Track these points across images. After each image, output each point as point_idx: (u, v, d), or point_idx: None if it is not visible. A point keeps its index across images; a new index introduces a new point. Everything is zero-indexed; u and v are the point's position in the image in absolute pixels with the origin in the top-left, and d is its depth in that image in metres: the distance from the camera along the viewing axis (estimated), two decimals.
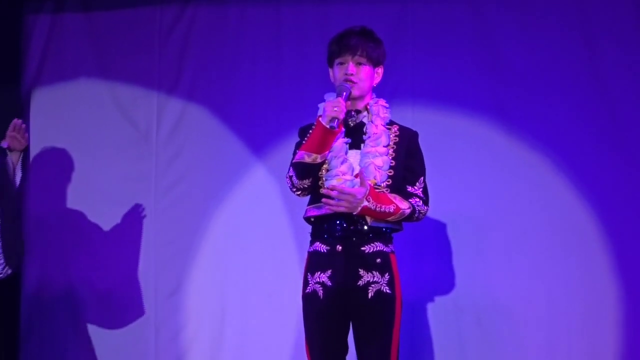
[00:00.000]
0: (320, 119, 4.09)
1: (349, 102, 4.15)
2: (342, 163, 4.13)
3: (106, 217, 5.81)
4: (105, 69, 5.90)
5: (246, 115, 5.82)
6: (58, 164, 5.82)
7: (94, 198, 5.82)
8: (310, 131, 4.13)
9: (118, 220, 5.80)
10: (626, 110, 5.47)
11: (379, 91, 5.40)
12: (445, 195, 5.55)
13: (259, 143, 5.78)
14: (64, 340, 5.76)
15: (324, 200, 4.07)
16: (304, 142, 4.14)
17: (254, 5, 5.83)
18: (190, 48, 5.88)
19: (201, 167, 5.82)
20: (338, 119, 4.04)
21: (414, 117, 5.58)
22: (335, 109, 4.03)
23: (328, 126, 4.04)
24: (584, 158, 5.49)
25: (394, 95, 5.64)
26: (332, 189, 4.04)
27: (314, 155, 4.09)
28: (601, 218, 5.46)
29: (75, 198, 5.83)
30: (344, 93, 4.11)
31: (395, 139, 4.22)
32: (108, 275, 5.79)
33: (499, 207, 5.55)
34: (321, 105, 4.19)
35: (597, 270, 5.44)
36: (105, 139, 5.86)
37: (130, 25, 5.92)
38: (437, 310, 5.57)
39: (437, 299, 5.56)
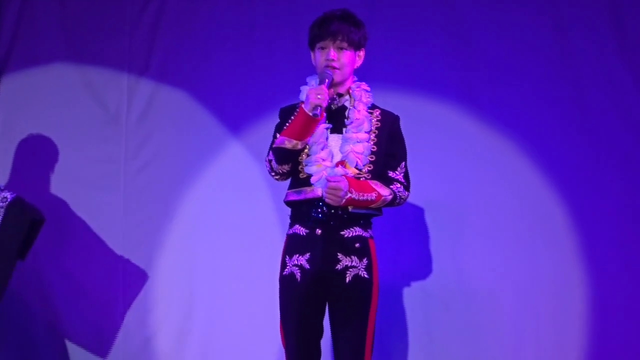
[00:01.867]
0: (303, 105, 4.08)
1: (331, 90, 4.16)
2: (322, 149, 4.14)
3: (75, 200, 5.77)
4: (76, 52, 5.85)
5: (217, 99, 5.79)
6: (27, 147, 5.77)
7: (63, 180, 5.77)
8: (292, 117, 4.13)
9: (86, 203, 5.76)
10: (595, 96, 5.52)
11: None
12: (413, 180, 5.55)
13: (229, 126, 5.77)
14: (31, 321, 5.72)
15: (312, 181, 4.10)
16: (285, 127, 4.14)
17: None
18: (161, 30, 5.84)
19: (171, 151, 5.80)
20: (321, 107, 4.05)
21: (383, 102, 5.58)
22: (319, 96, 4.04)
23: (311, 114, 4.04)
24: (552, 144, 5.53)
25: (363, 80, 5.62)
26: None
27: (295, 142, 4.09)
28: (569, 205, 5.50)
29: (44, 180, 5.78)
30: (327, 80, 4.11)
31: (377, 124, 4.23)
32: (76, 257, 5.75)
33: (467, 193, 5.57)
34: (303, 89, 4.19)
35: (565, 257, 5.49)
36: (74, 122, 5.81)
37: (101, 7, 5.86)
38: (406, 295, 5.58)
39: (406, 283, 5.58)
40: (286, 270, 4.16)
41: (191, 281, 5.73)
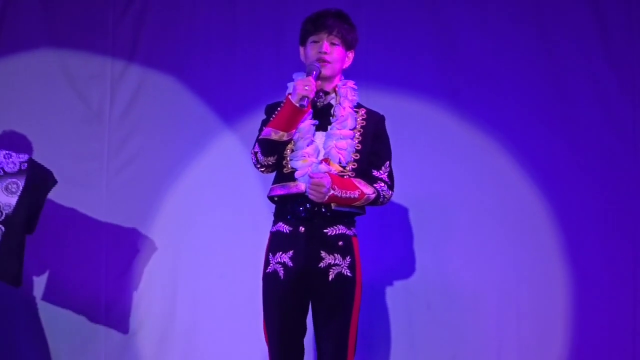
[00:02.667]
0: (290, 96, 4.10)
1: (318, 82, 4.17)
2: (308, 145, 4.15)
3: (57, 196, 5.74)
4: (59, 46, 5.82)
5: (199, 96, 5.79)
6: (7, 141, 5.74)
7: None
8: (279, 108, 4.14)
9: (68, 200, 5.74)
10: (579, 96, 5.55)
11: None
12: (397, 179, 5.56)
13: (212, 124, 5.77)
14: (12, 319, 5.70)
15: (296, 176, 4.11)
16: (272, 118, 4.15)
17: None
18: (145, 25, 5.82)
19: (153, 147, 5.79)
20: (308, 98, 4.07)
21: (367, 102, 5.59)
22: (306, 87, 4.06)
23: (298, 104, 4.06)
24: (536, 144, 5.56)
25: (347, 79, 5.64)
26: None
27: (281, 133, 4.10)
28: (552, 205, 5.54)
29: None
30: (314, 72, 4.13)
31: (362, 122, 4.24)
32: (58, 254, 5.73)
33: (451, 192, 5.59)
34: (291, 85, 4.20)
35: (547, 256, 5.52)
36: (57, 117, 5.79)
37: (84, 3, 5.85)
38: (390, 293, 5.60)
39: (389, 282, 5.59)
40: (269, 268, 4.16)
41: (174, 280, 5.73)
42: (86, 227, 5.74)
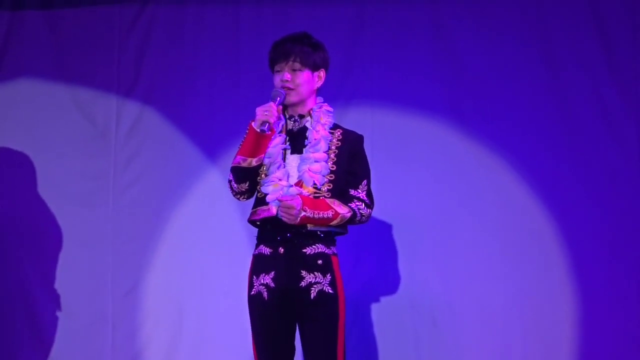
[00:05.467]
0: (252, 123, 4.14)
1: (279, 107, 4.19)
2: (278, 169, 4.19)
3: (63, 215, 5.80)
4: (64, 67, 5.88)
5: (204, 116, 5.82)
6: (14, 161, 5.80)
7: (51, 195, 5.80)
8: (245, 135, 4.18)
9: (75, 218, 5.78)
10: (581, 110, 5.52)
11: (336, 93, 5.48)
12: (403, 196, 5.58)
13: (217, 144, 5.79)
14: (19, 339, 5.74)
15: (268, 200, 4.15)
16: (239, 146, 4.20)
17: (213, 6, 5.83)
18: (150, 47, 5.87)
19: (160, 166, 5.82)
20: (269, 123, 4.10)
21: (373, 119, 5.61)
22: (266, 113, 4.10)
23: (259, 130, 4.10)
24: (539, 159, 5.54)
25: (353, 97, 5.67)
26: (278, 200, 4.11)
27: (249, 160, 4.15)
28: (556, 218, 5.50)
29: (32, 195, 5.81)
30: (278, 98, 4.17)
31: (338, 143, 4.25)
32: (64, 273, 5.77)
33: (456, 208, 5.58)
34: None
35: (552, 271, 5.48)
36: (63, 137, 5.84)
37: (90, 24, 5.90)
38: (395, 310, 5.59)
39: (394, 298, 5.58)
40: (253, 290, 4.20)
41: (181, 297, 5.75)
42: (92, 245, 5.77)
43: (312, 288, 4.10)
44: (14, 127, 5.87)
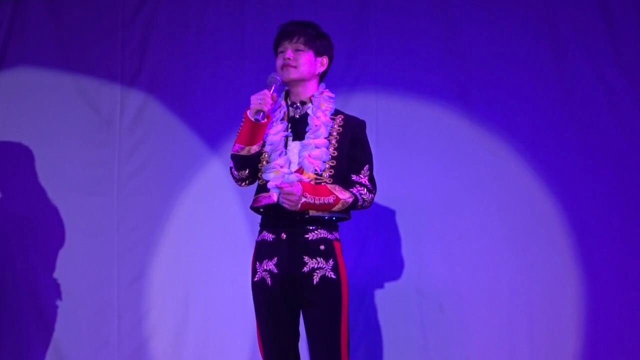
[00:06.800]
0: (247, 112, 4.15)
1: (274, 94, 4.18)
2: (279, 156, 4.19)
3: (68, 204, 5.81)
4: (68, 57, 5.90)
5: (208, 104, 5.82)
6: (18, 151, 5.81)
7: (56, 184, 5.82)
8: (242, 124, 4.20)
9: (80, 207, 5.79)
10: (589, 98, 5.47)
11: (340, 79, 5.47)
12: (408, 182, 5.57)
13: (221, 132, 5.78)
14: (25, 327, 5.75)
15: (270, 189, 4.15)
16: (237, 133, 4.22)
17: None
18: (154, 36, 5.88)
19: (164, 154, 5.83)
20: (263, 112, 4.11)
21: (377, 105, 5.60)
22: (259, 101, 4.11)
23: (253, 119, 4.11)
24: (545, 146, 5.50)
25: (357, 83, 5.65)
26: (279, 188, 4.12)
27: (247, 147, 4.17)
28: (563, 205, 5.47)
29: (37, 184, 5.82)
30: (273, 85, 4.17)
31: (339, 129, 4.25)
32: (70, 262, 5.78)
33: (461, 193, 5.56)
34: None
35: (558, 257, 5.45)
36: (67, 126, 5.86)
37: (93, 13, 5.91)
38: (402, 296, 5.58)
39: (401, 284, 5.57)
40: (257, 276, 4.20)
41: (187, 285, 5.76)
42: (97, 233, 5.77)
43: (315, 273, 4.10)
44: (18, 116, 5.89)
